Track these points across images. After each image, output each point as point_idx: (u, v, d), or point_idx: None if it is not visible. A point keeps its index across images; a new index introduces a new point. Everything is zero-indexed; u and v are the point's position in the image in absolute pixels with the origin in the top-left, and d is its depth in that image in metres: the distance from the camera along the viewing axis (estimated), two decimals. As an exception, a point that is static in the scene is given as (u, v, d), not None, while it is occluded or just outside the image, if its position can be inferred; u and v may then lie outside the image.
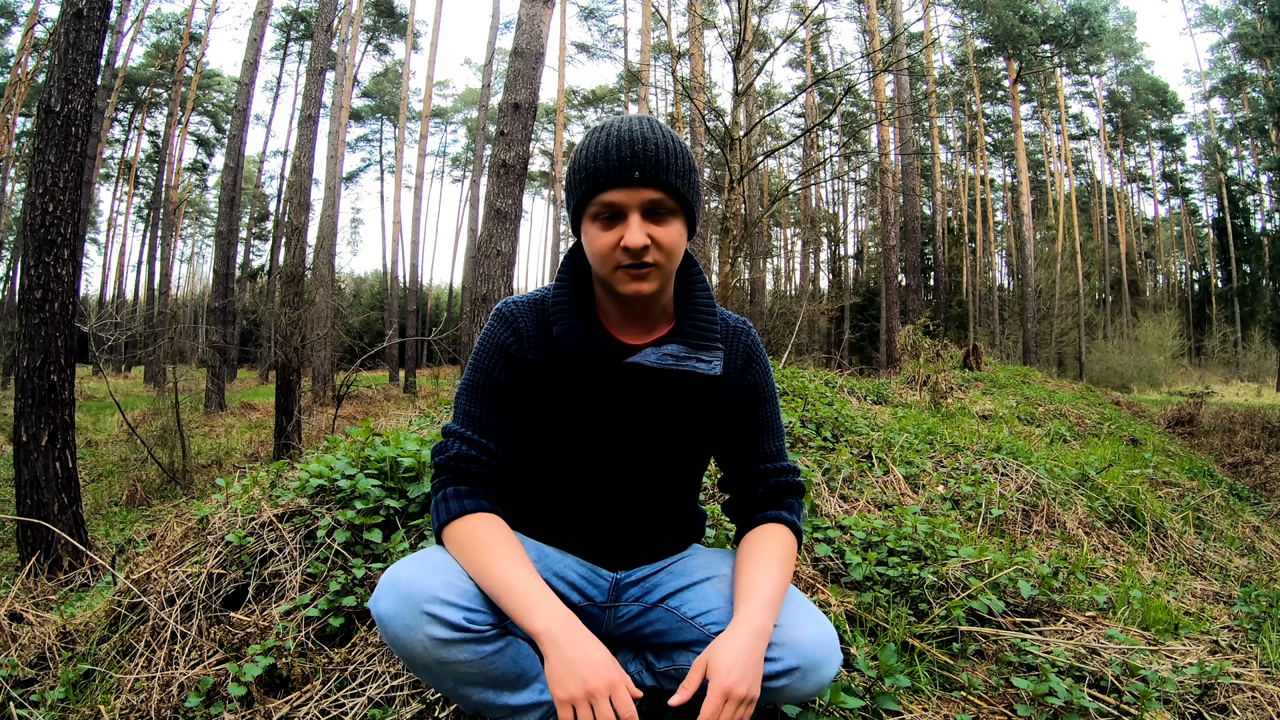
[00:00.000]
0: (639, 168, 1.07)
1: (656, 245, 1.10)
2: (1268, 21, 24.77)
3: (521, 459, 1.25)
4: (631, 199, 1.08)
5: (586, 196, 1.11)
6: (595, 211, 1.11)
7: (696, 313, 1.24)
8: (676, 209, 1.12)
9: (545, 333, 1.22)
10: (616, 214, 1.10)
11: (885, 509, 2.70)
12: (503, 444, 1.20)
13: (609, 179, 1.08)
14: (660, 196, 1.09)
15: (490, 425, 1.19)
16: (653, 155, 1.08)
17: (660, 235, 1.10)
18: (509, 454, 1.21)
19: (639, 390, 1.22)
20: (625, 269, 1.10)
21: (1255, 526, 3.96)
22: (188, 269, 45.04)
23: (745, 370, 1.29)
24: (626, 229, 1.08)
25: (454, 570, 1.07)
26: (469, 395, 1.21)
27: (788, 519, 1.27)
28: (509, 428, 1.21)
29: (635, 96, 27.87)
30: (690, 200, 1.13)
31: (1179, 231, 40.07)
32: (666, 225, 1.11)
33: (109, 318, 9.38)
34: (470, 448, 1.18)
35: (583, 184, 1.11)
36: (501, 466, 1.20)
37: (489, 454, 1.18)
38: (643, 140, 1.08)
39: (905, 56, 14.20)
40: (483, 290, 5.45)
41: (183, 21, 25.08)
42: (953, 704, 1.46)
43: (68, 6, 3.59)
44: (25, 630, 1.86)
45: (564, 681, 0.98)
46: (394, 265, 28.30)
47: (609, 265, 1.11)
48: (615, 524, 1.27)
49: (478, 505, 1.14)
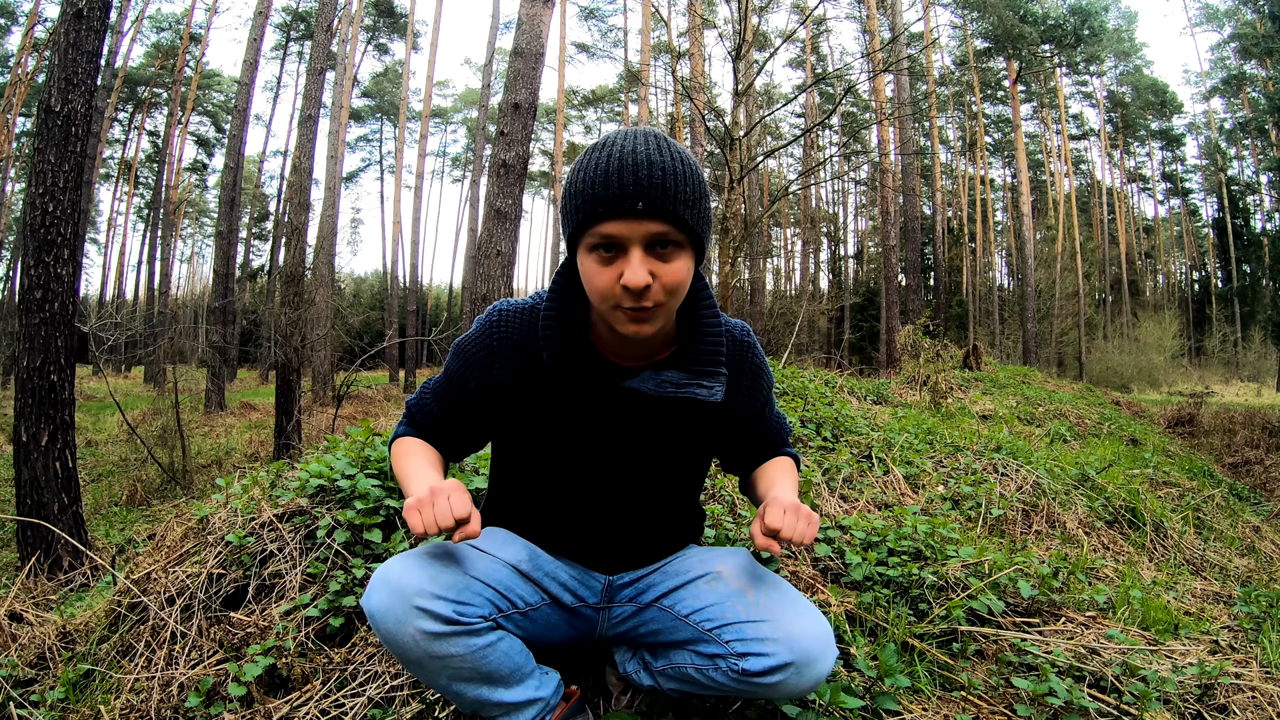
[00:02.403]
0: (643, 197, 0.95)
1: (660, 282, 0.99)
2: (1268, 21, 24.77)
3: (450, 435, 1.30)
4: (634, 232, 0.96)
5: (583, 226, 0.99)
6: (592, 243, 0.99)
7: (702, 338, 1.15)
8: (684, 242, 1.00)
9: (533, 348, 1.16)
10: (616, 247, 0.98)
11: (885, 509, 2.70)
12: (433, 420, 1.28)
13: (609, 209, 0.96)
14: (666, 229, 0.97)
15: (439, 399, 1.27)
16: (659, 183, 0.95)
17: (665, 272, 0.99)
18: (436, 428, 1.28)
19: (635, 414, 1.17)
20: (625, 310, 1.00)
21: (1255, 526, 3.96)
22: (188, 269, 45.05)
23: (753, 391, 1.28)
24: (627, 265, 0.97)
25: (444, 565, 1.07)
26: (434, 392, 1.28)
27: (791, 452, 1.43)
28: (446, 412, 1.27)
29: (635, 96, 27.87)
30: (700, 232, 1.01)
31: (1179, 231, 40.06)
32: (672, 261, 0.99)
33: (109, 318, 9.38)
34: (418, 408, 1.29)
35: (579, 211, 0.98)
36: (431, 427, 1.29)
37: (425, 415, 1.29)
38: (648, 164, 0.96)
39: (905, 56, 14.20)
40: (483, 290, 5.45)
41: (183, 21, 25.09)
42: (953, 704, 1.46)
43: (68, 6, 3.58)
44: (25, 630, 1.86)
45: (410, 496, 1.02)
46: (394, 265, 28.33)
47: (607, 303, 1.01)
48: (606, 535, 1.27)
49: (407, 432, 1.29)
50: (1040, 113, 30.61)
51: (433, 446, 1.28)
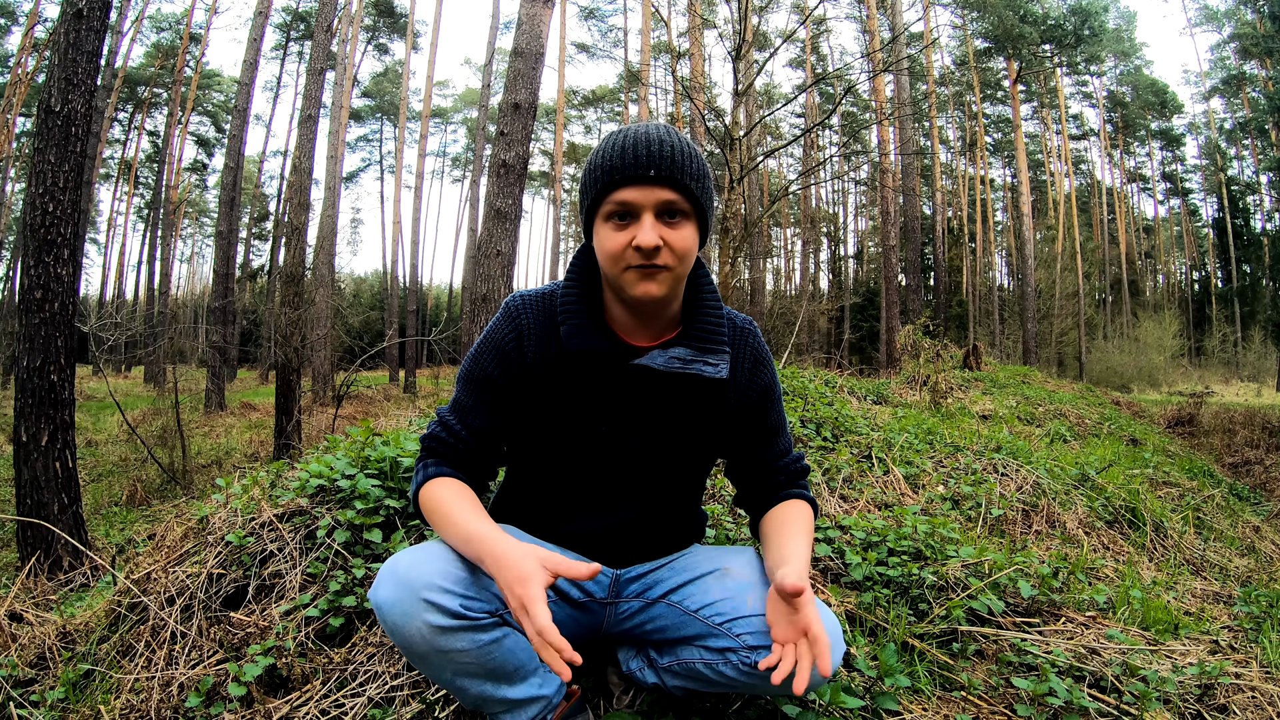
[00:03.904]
0: (654, 166, 1.07)
1: (669, 247, 1.09)
2: (1268, 21, 24.79)
3: (498, 446, 1.28)
4: (646, 198, 1.08)
5: (601, 194, 1.11)
6: (609, 210, 1.10)
7: (704, 316, 1.23)
8: (690, 212, 1.12)
9: (551, 330, 1.22)
10: (630, 213, 1.09)
11: (885, 509, 2.70)
12: (475, 433, 1.23)
13: (624, 176, 1.08)
14: (675, 197, 1.09)
15: (469, 413, 1.24)
16: (668, 156, 1.08)
17: (673, 238, 1.10)
18: (478, 442, 1.24)
19: (644, 393, 1.22)
20: (636, 269, 1.10)
21: (1255, 526, 3.96)
22: (188, 269, 45.08)
23: (754, 374, 1.30)
24: (639, 228, 1.08)
25: (452, 558, 1.07)
26: (463, 383, 1.26)
27: (807, 496, 1.34)
28: (489, 418, 1.24)
29: (635, 96, 27.87)
30: (704, 205, 1.13)
31: (1179, 231, 40.06)
32: (680, 228, 1.11)
33: (109, 318, 9.38)
34: (444, 431, 1.24)
35: (598, 182, 1.10)
36: (469, 451, 1.24)
37: (458, 438, 1.23)
38: (659, 142, 1.09)
39: (905, 56, 14.20)
40: (483, 290, 5.45)
41: (183, 21, 25.08)
42: (953, 704, 1.46)
43: (68, 6, 3.59)
44: (25, 630, 1.86)
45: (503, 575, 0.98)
46: (394, 265, 28.31)
47: (620, 266, 1.11)
48: (615, 523, 1.28)
49: (439, 472, 1.21)
50: (1040, 113, 30.61)
51: (467, 482, 1.23)
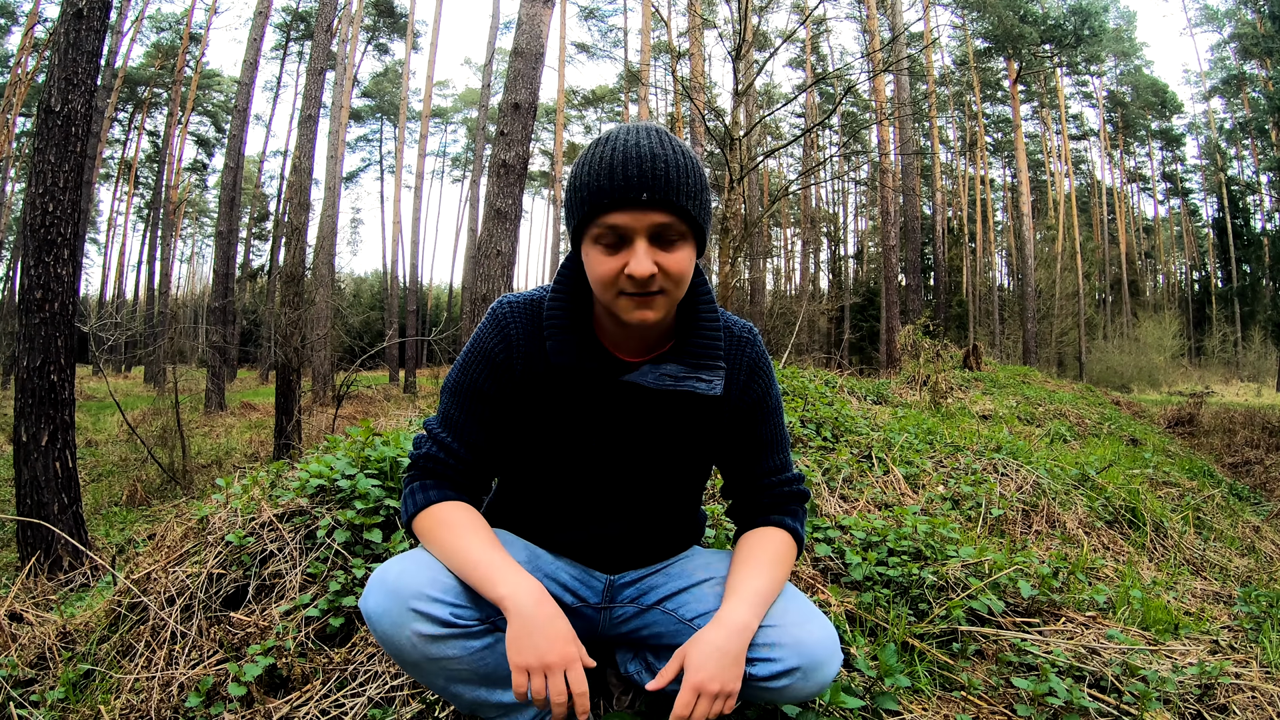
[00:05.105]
0: (647, 188, 0.98)
1: (664, 272, 1.01)
2: (1268, 21, 24.78)
3: (494, 461, 1.24)
4: (638, 223, 0.99)
5: (588, 218, 1.02)
6: (598, 234, 1.02)
7: (700, 331, 1.16)
8: (687, 233, 1.03)
9: (538, 341, 1.16)
10: (621, 238, 1.01)
11: (885, 509, 2.70)
12: (472, 449, 1.19)
13: (614, 200, 0.98)
14: (669, 220, 1.00)
15: (463, 429, 1.18)
16: (662, 174, 0.98)
17: (668, 262, 1.01)
18: (475, 458, 1.19)
19: (635, 408, 1.17)
20: (630, 296, 1.02)
21: (1255, 526, 3.96)
22: (188, 269, 45.09)
23: (749, 385, 1.23)
24: (632, 255, 0.99)
25: (441, 567, 1.06)
26: (451, 395, 1.20)
27: (789, 524, 1.26)
28: (483, 433, 1.19)
29: (635, 96, 27.86)
30: (702, 222, 1.04)
31: (1179, 231, 40.07)
32: (675, 251, 1.02)
33: (109, 318, 9.39)
34: (439, 449, 1.18)
35: (584, 204, 1.01)
36: (467, 469, 1.19)
37: (456, 457, 1.18)
38: (651, 157, 0.98)
39: (905, 56, 14.19)
40: (483, 290, 5.45)
41: (183, 21, 25.09)
42: (953, 704, 1.46)
43: (68, 6, 3.58)
44: (25, 630, 1.86)
45: (522, 649, 0.98)
46: (394, 265, 28.34)
47: (612, 292, 1.03)
48: (610, 532, 1.26)
49: (442, 496, 1.15)
50: (1040, 113, 30.61)
51: (467, 500, 1.18)
